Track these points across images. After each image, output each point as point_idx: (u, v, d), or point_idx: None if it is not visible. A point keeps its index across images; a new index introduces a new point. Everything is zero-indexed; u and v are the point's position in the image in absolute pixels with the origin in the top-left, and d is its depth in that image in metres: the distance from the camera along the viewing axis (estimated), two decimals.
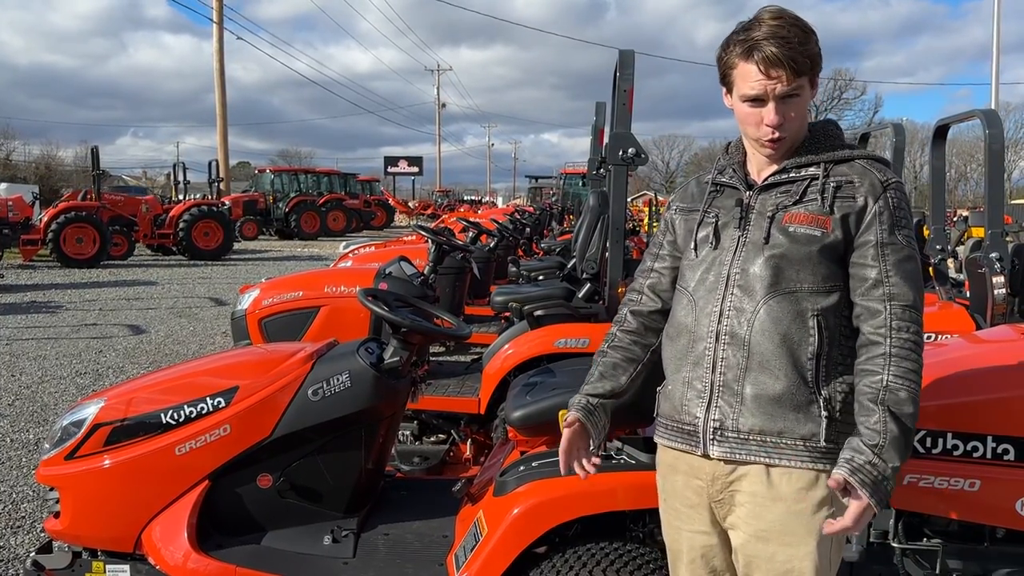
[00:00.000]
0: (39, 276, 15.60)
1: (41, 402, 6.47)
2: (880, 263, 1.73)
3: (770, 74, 1.69)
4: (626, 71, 4.19)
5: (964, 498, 2.35)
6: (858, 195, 1.74)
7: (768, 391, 1.73)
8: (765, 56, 1.68)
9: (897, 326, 1.70)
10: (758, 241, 1.77)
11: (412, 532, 2.73)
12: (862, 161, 1.79)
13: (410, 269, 5.15)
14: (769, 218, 1.77)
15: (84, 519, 2.61)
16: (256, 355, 3.06)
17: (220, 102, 29.62)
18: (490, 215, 15.01)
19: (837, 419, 1.73)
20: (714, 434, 1.78)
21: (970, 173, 65.00)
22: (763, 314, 1.74)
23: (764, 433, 1.74)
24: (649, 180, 70.82)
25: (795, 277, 1.74)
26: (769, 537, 1.75)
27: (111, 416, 2.63)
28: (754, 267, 1.77)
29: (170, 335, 9.47)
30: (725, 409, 1.77)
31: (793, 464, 1.73)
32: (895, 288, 1.72)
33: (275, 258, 21.01)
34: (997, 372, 2.60)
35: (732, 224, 1.83)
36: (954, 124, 5.61)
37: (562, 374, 3.12)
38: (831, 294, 1.75)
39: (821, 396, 1.73)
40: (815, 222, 1.75)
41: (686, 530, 1.91)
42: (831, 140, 1.82)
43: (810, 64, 1.71)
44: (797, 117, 1.75)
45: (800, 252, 1.74)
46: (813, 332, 1.72)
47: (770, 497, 1.75)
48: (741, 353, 1.75)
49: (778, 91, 1.70)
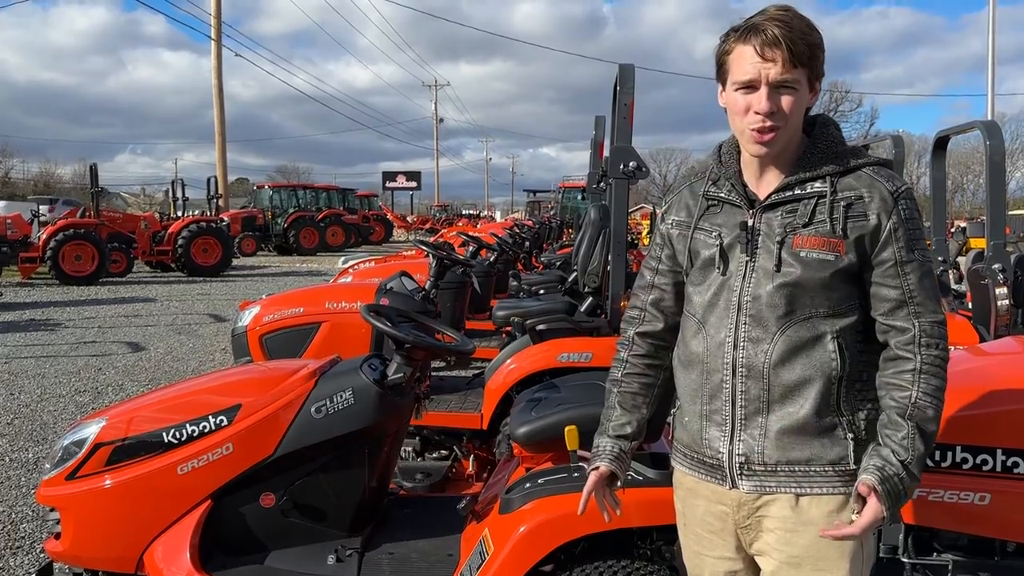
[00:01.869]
0: (38, 294, 15.58)
1: (40, 420, 6.43)
2: (902, 282, 1.68)
3: (765, 55, 1.62)
4: (626, 85, 4.19)
5: (974, 512, 2.34)
6: (870, 213, 1.68)
7: (793, 421, 1.69)
8: (764, 36, 1.62)
9: (926, 343, 1.68)
10: (768, 268, 1.70)
11: (417, 551, 2.71)
12: (869, 171, 1.72)
13: (411, 284, 5.14)
14: (779, 243, 1.70)
15: (85, 540, 2.58)
16: (258, 372, 3.04)
17: (219, 119, 29.69)
18: (489, 229, 15.03)
19: (863, 439, 1.71)
20: (741, 469, 1.74)
21: (966, 184, 65.19)
22: (781, 345, 1.70)
23: (792, 463, 1.70)
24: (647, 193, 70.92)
25: (810, 303, 1.69)
26: (802, 563, 1.72)
27: (112, 435, 2.61)
28: (766, 295, 1.71)
29: (169, 352, 9.44)
30: (750, 443, 1.73)
31: (824, 491, 1.71)
32: (920, 307, 1.68)
33: (274, 274, 21.00)
34: (1004, 384, 2.59)
35: (738, 247, 1.75)
36: (954, 136, 5.62)
37: (566, 389, 3.10)
38: (848, 315, 1.71)
39: (844, 418, 1.70)
40: (828, 246, 1.68)
41: (708, 556, 1.88)
42: (832, 146, 1.74)
43: (809, 56, 1.64)
44: (791, 113, 1.66)
45: (814, 278, 1.68)
46: (835, 355, 1.69)
47: (800, 522, 1.72)
48: (761, 386, 1.71)
49: (772, 75, 1.62)
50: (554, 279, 7.29)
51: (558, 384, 3.23)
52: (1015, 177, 62.24)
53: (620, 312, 4.45)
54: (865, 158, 1.74)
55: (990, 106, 24.97)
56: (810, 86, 1.68)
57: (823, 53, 1.68)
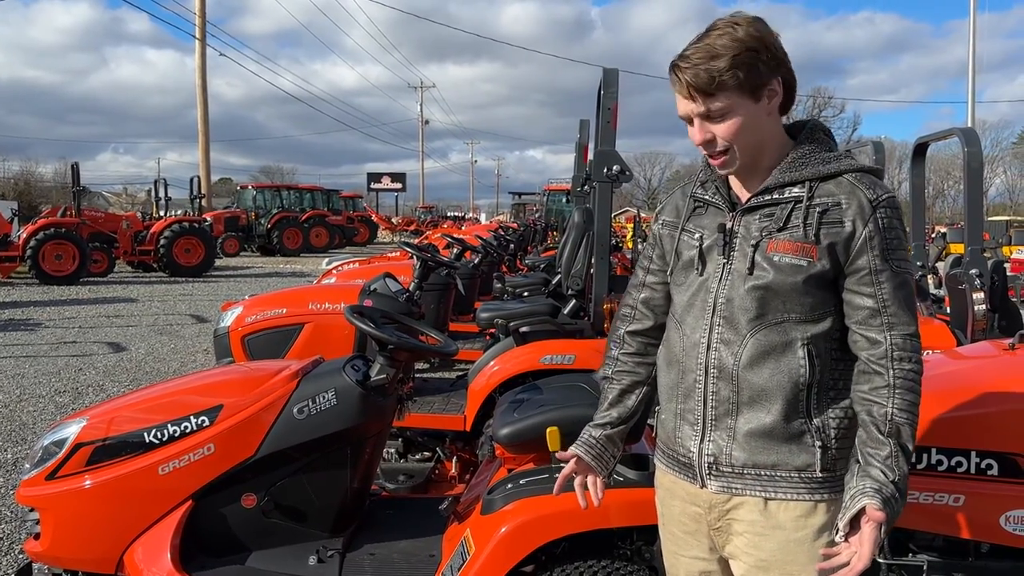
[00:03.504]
0: (18, 293, 15.43)
1: (20, 421, 6.37)
2: (876, 291, 1.66)
3: (688, 94, 1.66)
4: (610, 89, 4.23)
5: (949, 513, 2.37)
6: (845, 219, 1.65)
7: (760, 425, 1.69)
8: (676, 79, 1.66)
9: (899, 356, 1.65)
10: (742, 270, 1.71)
11: (398, 552, 2.71)
12: (851, 177, 1.68)
13: (395, 286, 5.14)
14: (753, 246, 1.70)
15: (65, 540, 2.57)
16: (240, 373, 3.04)
17: (202, 119, 29.51)
18: (474, 231, 15.04)
19: (831, 447, 1.69)
20: (709, 469, 1.76)
21: (947, 190, 65.90)
22: (751, 348, 1.70)
23: (758, 467, 1.71)
24: (632, 196, 71.27)
25: (782, 308, 1.68)
26: (770, 567, 1.72)
27: (93, 435, 2.60)
28: (738, 297, 1.71)
29: (151, 353, 9.38)
30: (719, 444, 1.74)
31: (789, 496, 1.70)
32: (894, 317, 1.66)
33: (257, 275, 20.90)
34: (979, 388, 2.63)
35: (716, 249, 1.77)
36: (933, 142, 5.69)
37: (549, 391, 3.11)
38: (821, 321, 1.70)
39: (813, 425, 1.69)
40: (801, 251, 1.67)
41: (683, 556, 1.90)
42: (816, 152, 1.72)
43: (737, 80, 1.62)
44: (733, 135, 1.67)
45: (785, 283, 1.67)
46: (804, 362, 1.67)
47: (768, 526, 1.71)
48: (730, 387, 1.72)
49: (695, 111, 1.67)
50: (538, 281, 7.31)
51: (541, 386, 3.24)
52: (995, 183, 63.07)
53: (603, 314, 4.48)
54: (848, 164, 1.71)
55: (970, 113, 25.27)
56: (752, 97, 1.65)
57: (759, 63, 1.63)
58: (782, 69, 1.68)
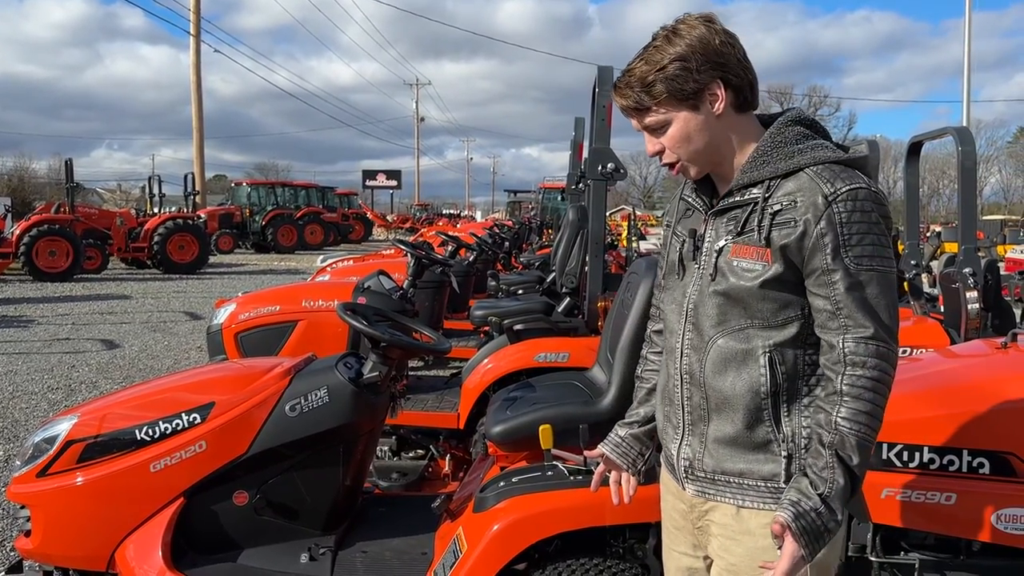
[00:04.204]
0: (11, 290, 15.37)
1: (12, 418, 6.35)
2: (829, 292, 1.57)
3: (627, 114, 1.69)
4: (605, 87, 4.22)
5: (940, 511, 2.37)
6: (798, 218, 1.56)
7: (724, 434, 1.67)
8: (616, 102, 1.70)
9: (851, 361, 1.56)
10: (706, 276, 1.69)
11: (391, 549, 2.71)
12: (811, 171, 1.59)
13: (389, 283, 5.13)
14: (717, 251, 1.67)
15: (56, 537, 2.56)
16: (232, 370, 3.03)
17: (197, 115, 29.44)
18: (469, 229, 15.03)
19: (800, 457, 1.63)
20: (686, 472, 1.76)
21: (943, 189, 66.08)
22: (713, 354, 1.67)
23: (727, 474, 1.69)
24: (627, 195, 71.27)
25: (743, 314, 1.64)
26: (738, 572, 1.69)
27: (84, 432, 2.59)
28: (703, 304, 1.69)
29: (144, 350, 9.35)
30: (694, 448, 1.73)
31: (756, 505, 1.66)
32: (848, 319, 1.56)
33: (252, 272, 20.86)
34: (972, 386, 2.63)
35: (690, 253, 1.75)
36: (928, 141, 5.70)
37: (542, 389, 3.11)
38: (787, 326, 1.63)
39: (781, 434, 1.63)
40: (756, 255, 1.61)
41: (673, 550, 1.91)
42: (780, 147, 1.63)
43: (665, 93, 1.60)
44: (678, 144, 1.65)
45: (743, 289, 1.62)
46: (764, 369, 1.62)
47: (739, 531, 1.69)
48: (700, 394, 1.70)
49: (637, 126, 1.70)
50: (532, 279, 7.31)
51: (534, 384, 3.24)
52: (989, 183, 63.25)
53: (597, 312, 4.47)
54: (811, 157, 1.60)
55: (965, 112, 25.33)
56: (687, 107, 1.62)
57: (683, 69, 1.59)
58: (723, 71, 1.61)
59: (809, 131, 1.67)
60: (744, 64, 1.65)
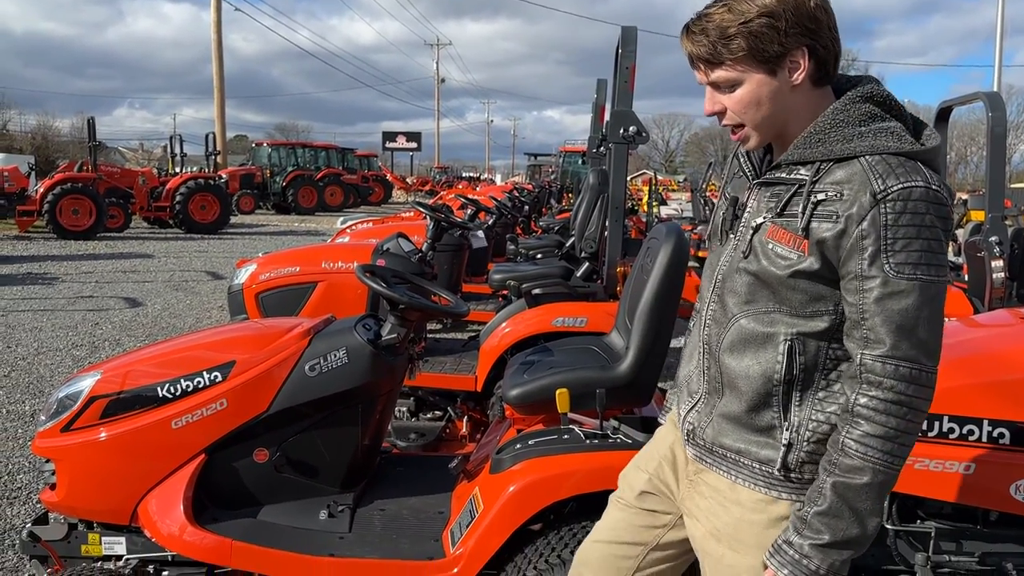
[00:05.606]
0: (35, 248, 15.55)
1: (37, 374, 6.46)
2: (858, 299, 1.44)
3: (691, 63, 1.55)
4: (628, 48, 4.16)
5: (959, 481, 2.36)
6: (841, 213, 1.43)
7: (732, 410, 1.63)
8: (683, 45, 1.54)
9: (867, 379, 1.44)
10: (739, 251, 1.60)
11: (408, 508, 2.74)
12: (866, 160, 1.44)
13: (408, 246, 5.14)
14: (754, 228, 1.57)
15: (80, 491, 2.61)
16: (253, 330, 3.05)
17: (218, 75, 29.39)
18: (488, 192, 14.97)
19: (798, 448, 1.56)
20: (688, 436, 1.76)
21: (970, 156, 64.88)
22: (733, 333, 1.61)
23: (724, 448, 1.66)
24: (648, 159, 70.64)
25: (772, 298, 1.55)
26: (720, 538, 1.66)
27: (107, 389, 2.62)
28: (731, 280, 1.62)
29: (166, 308, 9.45)
30: (699, 417, 1.71)
31: (748, 484, 1.63)
32: (871, 332, 1.43)
33: (272, 232, 20.95)
34: (994, 356, 2.61)
35: (728, 222, 1.67)
36: (957, 106, 5.58)
37: (559, 353, 3.11)
38: (816, 319, 1.53)
39: (787, 422, 1.57)
40: (793, 243, 1.49)
41: (641, 469, 1.92)
42: (841, 126, 1.48)
43: (744, 51, 1.46)
44: (743, 109, 1.52)
45: (773, 275, 1.52)
46: (782, 358, 1.54)
47: (730, 500, 1.66)
48: (716, 367, 1.66)
49: (701, 80, 1.55)
50: (551, 243, 7.28)
51: (552, 347, 3.25)
52: (1019, 150, 61.99)
53: (616, 277, 4.46)
54: (869, 144, 1.45)
55: (996, 77, 24.79)
56: (765, 70, 1.48)
57: (770, 28, 1.44)
58: (812, 38, 1.46)
59: (880, 110, 1.51)
60: (834, 35, 1.50)
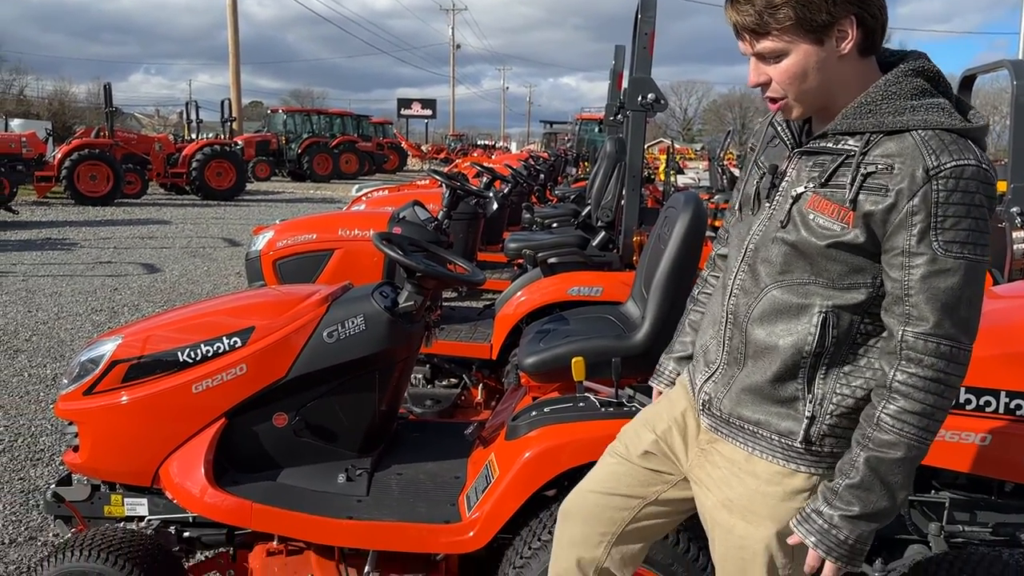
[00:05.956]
0: (54, 213, 15.67)
1: (58, 338, 6.54)
2: (903, 275, 1.43)
3: (735, 33, 1.52)
4: (648, 14, 4.10)
5: (974, 452, 2.36)
6: (891, 187, 1.41)
7: (754, 381, 1.61)
8: (728, 15, 1.52)
9: (907, 356, 1.45)
10: (776, 220, 1.57)
11: (425, 472, 2.77)
12: (918, 135, 1.42)
13: (424, 214, 5.14)
14: (794, 197, 1.54)
15: (103, 453, 2.65)
16: (271, 296, 3.07)
17: (233, 41, 29.28)
18: (504, 160, 14.91)
19: (821, 421, 1.56)
20: (703, 406, 1.75)
21: (994, 125, 63.78)
22: (765, 303, 1.59)
23: (743, 420, 1.65)
24: (666, 127, 70.01)
25: (808, 269, 1.53)
26: (733, 509, 1.66)
27: (128, 353, 2.66)
28: (765, 249, 1.59)
29: (184, 274, 9.53)
30: (716, 387, 1.70)
31: (766, 456, 1.62)
32: (914, 309, 1.43)
33: (288, 199, 21.00)
34: (1014, 327, 2.59)
35: (766, 191, 1.63)
36: (981, 74, 5.48)
37: (575, 322, 3.12)
38: (852, 291, 1.51)
39: (811, 394, 1.56)
40: (837, 214, 1.47)
41: (645, 431, 1.90)
42: (893, 99, 1.46)
43: (791, 19, 1.43)
44: (789, 80, 1.49)
45: (814, 246, 1.50)
46: (815, 330, 1.53)
47: (745, 471, 1.65)
48: (740, 338, 1.64)
49: (745, 50, 1.53)
50: (567, 212, 7.26)
51: (567, 316, 3.25)
52: None
53: (632, 247, 4.45)
54: (922, 119, 1.44)
55: (1022, 45, 24.30)
56: (813, 39, 1.45)
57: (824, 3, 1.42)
58: (861, 7, 1.44)
59: (930, 85, 1.50)
60: (881, 3, 1.49)
